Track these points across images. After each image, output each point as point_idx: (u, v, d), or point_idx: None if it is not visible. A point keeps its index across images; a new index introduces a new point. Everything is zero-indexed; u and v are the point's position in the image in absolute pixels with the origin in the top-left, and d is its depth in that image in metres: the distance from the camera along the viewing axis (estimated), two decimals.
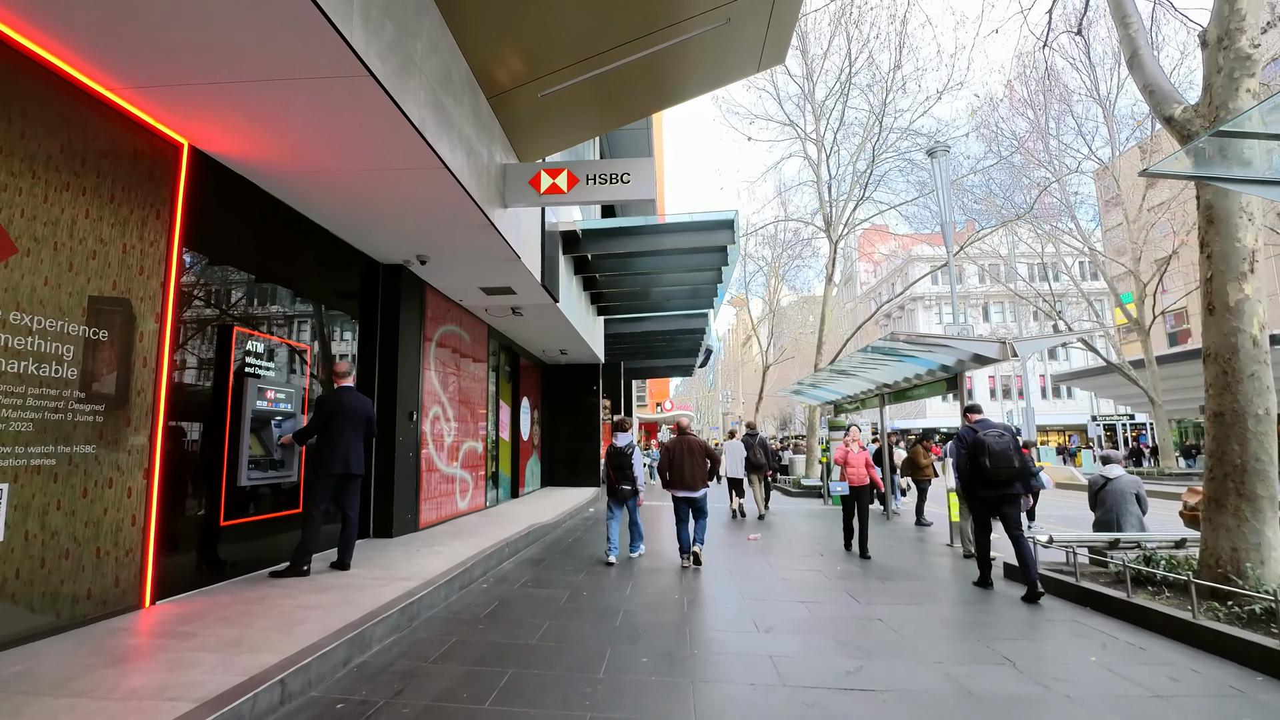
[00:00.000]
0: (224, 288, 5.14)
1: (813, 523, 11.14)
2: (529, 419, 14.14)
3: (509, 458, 12.74)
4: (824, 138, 17.86)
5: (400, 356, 7.59)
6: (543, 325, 11.33)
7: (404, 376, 7.68)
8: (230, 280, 5.22)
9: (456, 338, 9.63)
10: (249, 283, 5.46)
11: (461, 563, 5.92)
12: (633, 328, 16.30)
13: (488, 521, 9.15)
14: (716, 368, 52.61)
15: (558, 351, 13.89)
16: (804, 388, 15.06)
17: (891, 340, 8.34)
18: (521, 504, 11.88)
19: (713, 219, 10.05)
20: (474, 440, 10.32)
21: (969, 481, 5.88)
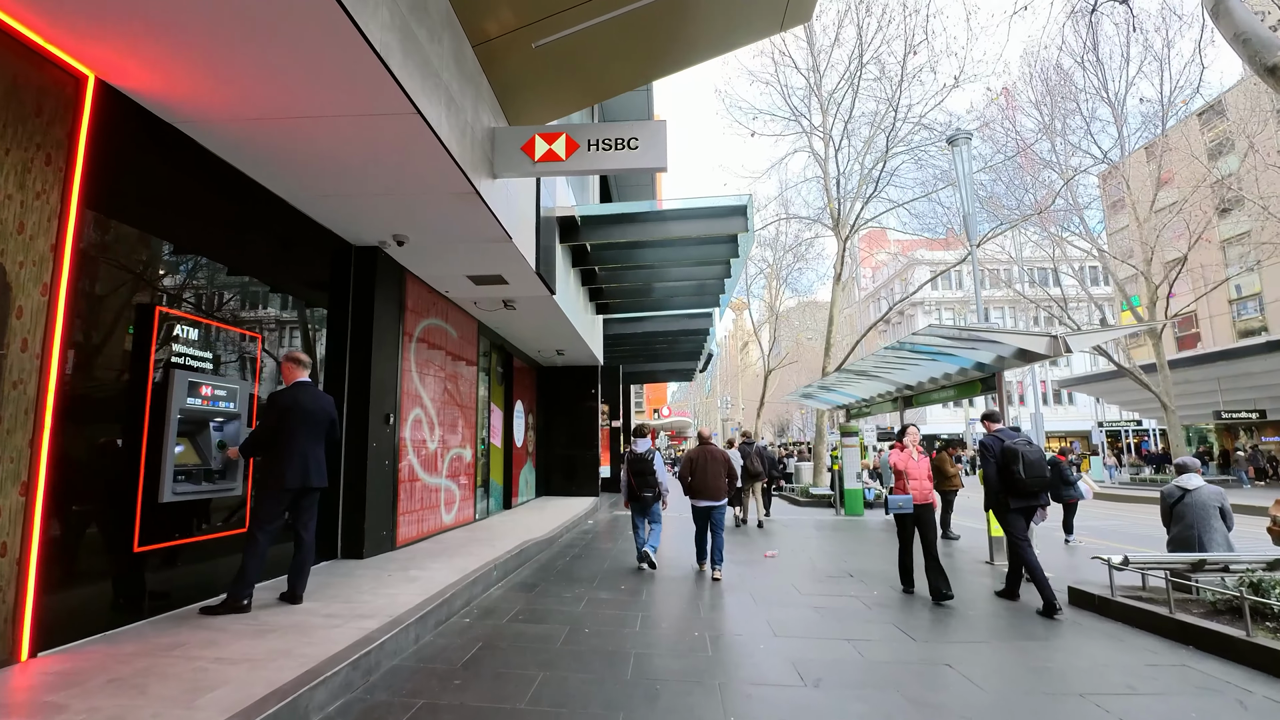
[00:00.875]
0: (146, 259, 4.18)
1: (830, 536, 10.19)
2: (523, 424, 13.17)
3: (501, 466, 11.76)
4: (831, 131, 17.03)
5: (375, 352, 6.63)
6: (538, 321, 10.38)
7: (379, 375, 6.72)
8: (156, 251, 4.26)
9: (442, 334, 8.67)
10: (181, 256, 4.50)
11: (439, 592, 4.95)
12: (633, 328, 15.37)
13: (475, 537, 8.17)
14: (715, 373, 51.71)
15: (554, 352, 12.94)
16: (815, 391, 14.14)
17: (928, 335, 7.43)
18: (514, 516, 10.89)
19: (723, 204, 9.15)
20: (461, 447, 9.34)
21: (999, 492, 5.66)
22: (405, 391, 7.44)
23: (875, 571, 7.22)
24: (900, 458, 6.14)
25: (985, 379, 8.54)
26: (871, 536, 10.26)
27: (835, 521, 12.53)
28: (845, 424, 14.32)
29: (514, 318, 10.00)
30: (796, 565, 7.61)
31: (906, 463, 6.11)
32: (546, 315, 9.81)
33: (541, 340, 11.97)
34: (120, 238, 3.98)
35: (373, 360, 6.57)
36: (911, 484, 6.04)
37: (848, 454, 14.19)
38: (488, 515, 10.55)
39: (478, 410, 10.05)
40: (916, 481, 6.04)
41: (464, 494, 9.39)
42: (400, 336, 7.26)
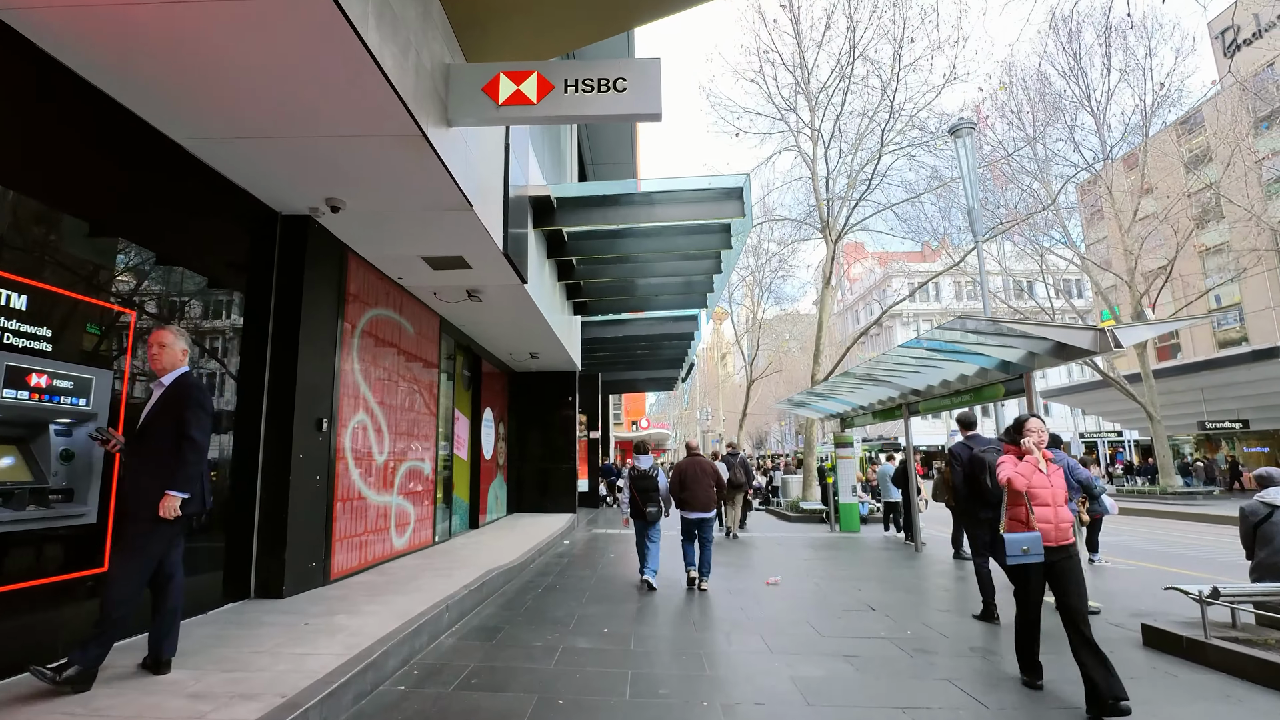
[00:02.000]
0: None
1: (831, 557, 9.11)
2: (493, 434, 11.92)
3: (467, 480, 10.50)
4: (821, 128, 16.20)
5: (304, 345, 5.40)
6: (508, 317, 9.20)
7: (309, 372, 5.49)
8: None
9: (394, 328, 7.46)
10: (15, 199, 3.28)
11: (367, 650, 3.73)
12: (614, 331, 14.26)
13: (431, 565, 6.92)
14: (693, 384, 50.75)
15: (527, 355, 11.74)
16: (808, 398, 13.13)
17: (952, 329, 6.43)
18: (480, 537, 9.62)
19: (717, 185, 8.11)
20: (418, 459, 8.09)
21: (967, 502, 5.42)
22: (346, 393, 6.21)
23: (897, 603, 6.14)
24: (1018, 470, 3.66)
25: (1010, 381, 7.57)
26: (875, 557, 9.21)
27: (831, 539, 11.48)
28: (840, 434, 13.32)
29: (481, 313, 8.82)
30: (805, 595, 6.50)
31: (1030, 476, 3.62)
32: (517, 310, 8.64)
33: (513, 341, 10.78)
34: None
35: (300, 354, 5.34)
36: (1040, 513, 3.58)
37: (843, 466, 13.18)
38: (449, 537, 9.27)
39: (439, 417, 8.81)
40: (1048, 509, 3.58)
41: (421, 513, 8.13)
42: (339, 328, 6.04)
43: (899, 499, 12.02)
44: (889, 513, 12.37)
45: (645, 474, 6.73)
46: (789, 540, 11.31)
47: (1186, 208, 23.57)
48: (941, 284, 48.18)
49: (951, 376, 8.63)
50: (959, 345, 7.31)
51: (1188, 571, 8.12)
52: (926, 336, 7.01)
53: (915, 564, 8.57)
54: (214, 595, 4.78)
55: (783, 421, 55.91)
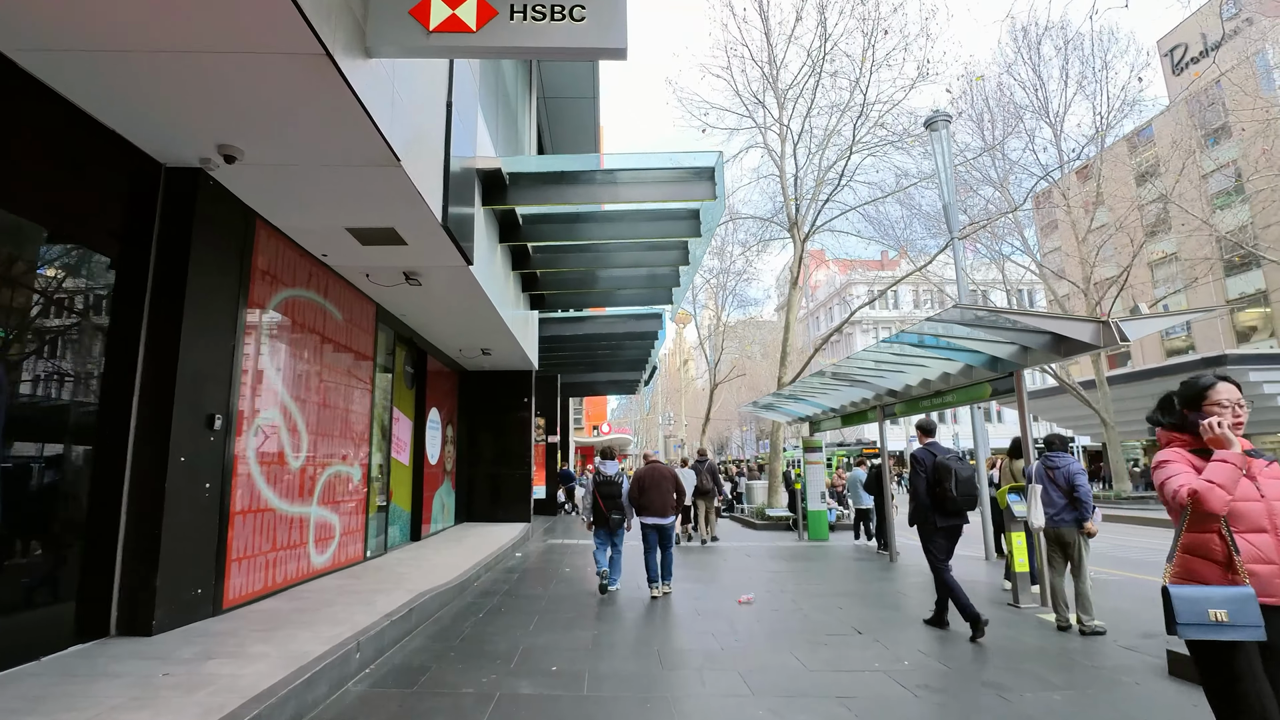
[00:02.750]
0: None
1: (803, 569, 8.44)
2: (439, 437, 10.93)
3: (408, 487, 9.50)
4: (790, 123, 15.71)
5: (189, 323, 4.43)
6: (455, 306, 8.28)
7: (196, 358, 4.51)
8: None
9: (318, 314, 6.48)
10: None
11: (231, 716, 2.81)
12: (573, 329, 13.41)
13: (355, 587, 5.96)
14: (655, 389, 50.09)
15: (478, 351, 10.80)
16: (777, 401, 12.52)
17: (949, 319, 5.82)
18: (421, 551, 8.64)
19: (686, 165, 7.39)
20: (347, 464, 7.10)
21: (926, 509, 5.23)
22: (250, 385, 5.22)
23: (884, 624, 5.47)
24: (1212, 476, 2.08)
25: (998, 380, 7.03)
26: (850, 568, 8.58)
27: (801, 549, 10.85)
28: (809, 438, 12.75)
29: (423, 301, 7.89)
30: (782, 616, 5.78)
31: (1231, 482, 2.07)
32: (464, 298, 7.74)
33: (462, 335, 9.84)
34: None
35: (184, 338, 4.36)
36: (1251, 547, 2.09)
37: (811, 471, 12.60)
38: (385, 551, 8.26)
39: (374, 417, 7.81)
40: (1266, 536, 2.08)
41: (349, 525, 7.13)
42: (241, 307, 5.06)
43: (870, 506, 11.49)
44: (859, 520, 11.83)
45: (610, 480, 6.69)
46: (756, 550, 10.63)
47: (1139, 219, 24.04)
48: (901, 291, 48.75)
49: (933, 375, 8.08)
50: (946, 340, 6.74)
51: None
52: (913, 329, 6.40)
53: (892, 576, 7.96)
54: (59, 634, 3.77)
55: (744, 427, 55.74)
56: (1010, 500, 6.46)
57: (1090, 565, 8.32)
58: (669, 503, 6.64)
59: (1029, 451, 6.26)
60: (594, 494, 6.72)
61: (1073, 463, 5.38)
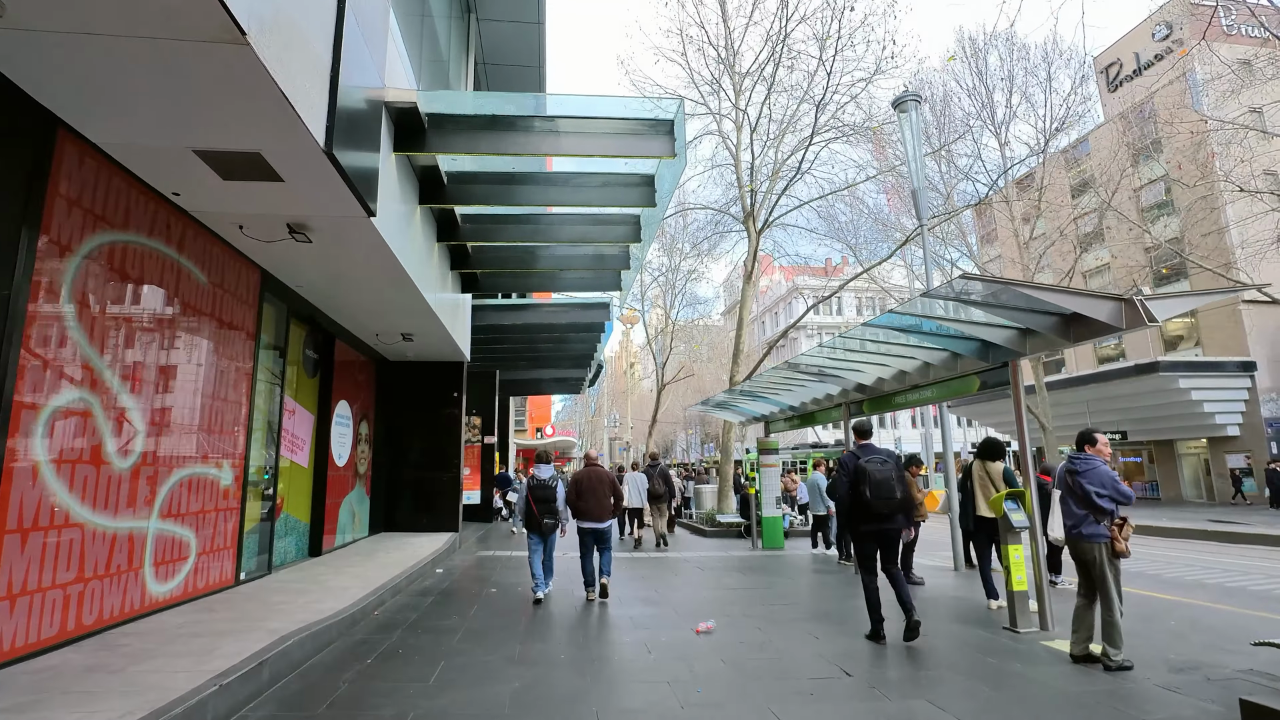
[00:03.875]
0: None
1: (765, 584, 7.41)
2: (350, 434, 9.41)
3: (306, 494, 8.00)
4: (746, 111, 14.84)
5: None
6: (363, 277, 6.90)
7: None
8: None
9: (167, 270, 5.02)
10: None
11: None
12: (513, 318, 12.08)
13: (201, 627, 4.53)
14: (600, 391, 48.85)
15: (398, 337, 9.36)
16: (733, 399, 11.55)
17: (941, 297, 4.89)
18: (316, 571, 7.19)
19: (643, 116, 6.27)
20: (209, 464, 5.61)
21: (849, 514, 5.09)
22: (42, 354, 3.77)
23: (873, 659, 4.46)
24: None
25: (990, 371, 6.19)
26: (815, 583, 7.61)
27: (757, 559, 9.86)
28: (765, 439, 11.82)
29: (321, 266, 6.48)
30: (750, 650, 4.69)
31: None
32: (371, 264, 6.37)
33: (377, 315, 8.41)
34: None
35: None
36: None
37: (767, 475, 11.67)
38: (269, 571, 6.76)
39: (253, 408, 6.32)
40: None
41: (212, 542, 5.64)
42: (25, 244, 3.61)
43: (826, 512, 10.64)
44: (817, 528, 10.95)
45: (544, 484, 6.42)
46: (709, 561, 9.58)
47: (1074, 230, 24.48)
48: (845, 298, 49.17)
49: (911, 367, 7.21)
50: (935, 324, 5.83)
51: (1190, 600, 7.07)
52: (903, 308, 5.45)
53: (847, 592, 7.02)
54: None
55: (689, 430, 55.15)
56: (1007, 508, 5.59)
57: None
58: (606, 507, 6.48)
59: (1010, 456, 5.39)
60: (528, 498, 6.43)
61: (1099, 466, 4.51)
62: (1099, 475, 4.49)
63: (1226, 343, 23.04)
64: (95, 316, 4.19)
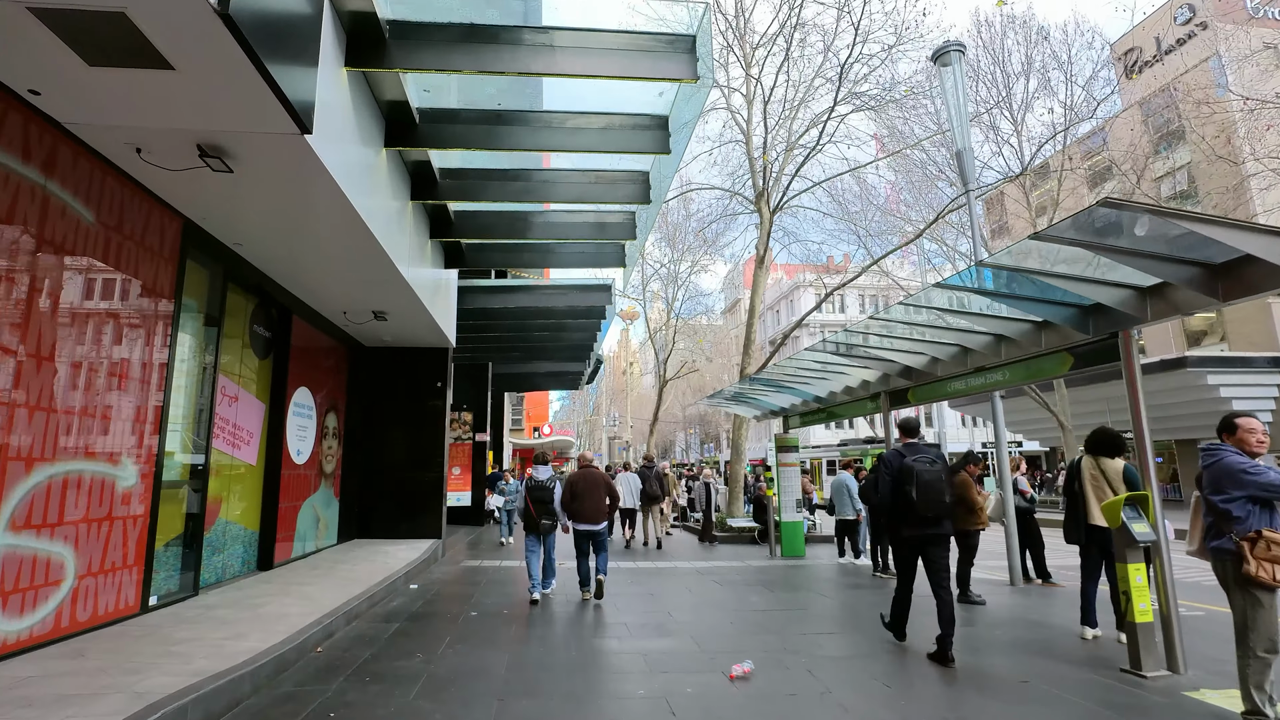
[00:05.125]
0: None
1: (800, 606, 6.13)
2: (314, 427, 8.12)
3: (254, 496, 6.72)
4: (760, 80, 13.61)
5: None
6: (311, 227, 5.63)
7: None
8: None
9: (27, 195, 3.75)
10: None
11: None
12: (503, 301, 10.80)
13: (33, 688, 3.25)
14: (598, 390, 47.58)
15: (369, 315, 8.07)
16: (749, 390, 10.28)
17: (1073, 231, 3.64)
18: (258, 591, 5.90)
19: (657, 31, 5.01)
20: (92, 458, 4.28)
21: (891, 517, 4.59)
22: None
23: (976, 712, 3.22)
24: None
25: (1088, 346, 4.94)
26: (857, 603, 6.34)
27: (779, 571, 8.61)
28: (784, 435, 10.56)
29: (254, 209, 5.20)
30: (811, 709, 3.43)
31: None
32: (319, 208, 5.09)
33: (341, 285, 7.13)
34: None
35: None
36: None
37: (785, 475, 10.42)
38: (195, 593, 5.45)
39: (168, 389, 5.01)
40: None
41: (97, 561, 4.34)
42: None
43: (854, 517, 9.40)
44: (843, 534, 9.70)
45: (542, 485, 6.41)
46: (725, 572, 8.32)
47: None
48: (848, 296, 47.96)
49: (978, 343, 5.95)
50: (1022, 283, 4.58)
51: None
52: (993, 261, 4.18)
53: (919, 613, 5.75)
54: None
55: (689, 430, 53.91)
56: (1126, 517, 4.34)
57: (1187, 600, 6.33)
58: (602, 509, 6.42)
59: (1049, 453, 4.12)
60: (525, 498, 6.38)
61: (1226, 457, 3.26)
62: (1220, 469, 3.25)
63: (1253, 337, 21.88)
64: None
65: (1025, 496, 8.00)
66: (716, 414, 49.06)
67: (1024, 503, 7.96)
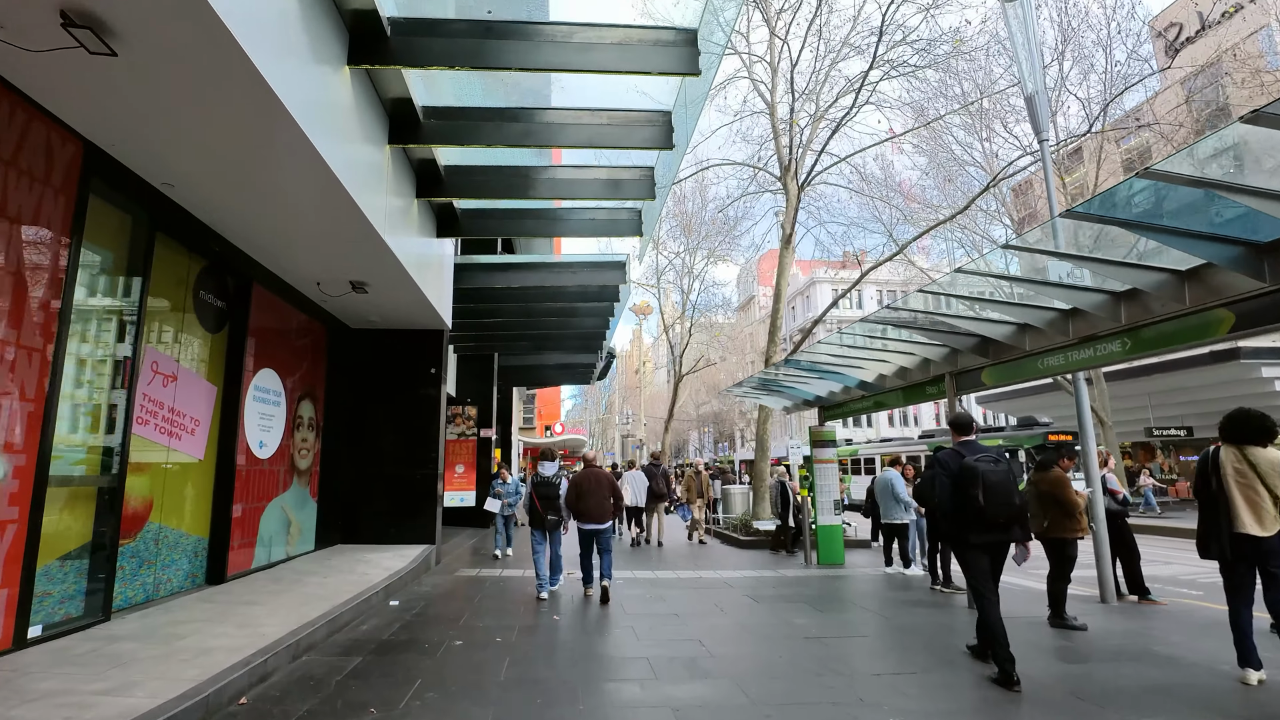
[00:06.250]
0: None
1: (859, 629, 4.91)
2: (283, 417, 6.98)
3: (201, 497, 5.60)
4: (788, 41, 12.38)
5: None
6: (253, 162, 4.48)
7: None
8: None
9: None
10: None
11: None
12: (508, 280, 9.65)
13: None
14: (610, 388, 46.41)
15: (346, 286, 6.92)
16: (780, 377, 9.05)
17: None
18: (184, 614, 4.78)
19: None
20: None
21: (955, 523, 4.07)
22: None
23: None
24: None
25: (1266, 298, 3.69)
26: (925, 622, 5.10)
27: (819, 582, 7.39)
28: (820, 429, 9.32)
29: (175, 129, 4.07)
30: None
31: None
32: (258, 132, 3.94)
33: (305, 246, 6.00)
34: None
35: None
36: None
37: (822, 473, 9.19)
38: (103, 618, 4.31)
39: (58, 358, 3.84)
40: None
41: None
42: None
43: (907, 521, 8.16)
44: (890, 539, 8.44)
45: (548, 481, 6.35)
46: (757, 584, 7.11)
47: None
48: (865, 291, 46.42)
49: (1093, 303, 4.68)
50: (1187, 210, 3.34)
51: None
52: (1171, 160, 2.95)
53: (1026, 640, 4.48)
54: None
55: (703, 428, 52.59)
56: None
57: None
58: (606, 508, 6.29)
59: None
60: (531, 495, 6.37)
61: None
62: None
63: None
64: None
65: (1117, 497, 6.75)
66: (730, 413, 47.68)
67: (1115, 504, 6.71)
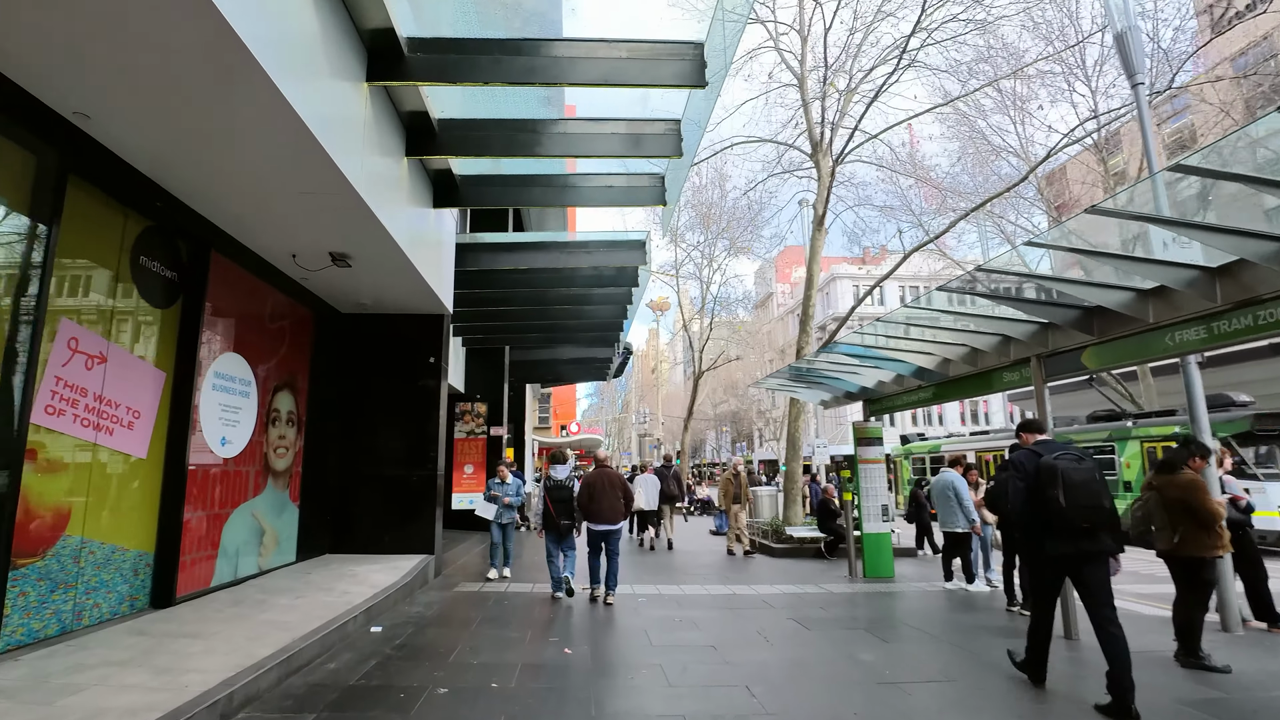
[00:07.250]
0: None
1: (936, 659, 3.82)
2: (254, 409, 6.03)
3: (144, 503, 4.67)
4: (820, 4, 11.29)
5: None
6: (181, 82, 3.52)
7: None
8: None
9: None
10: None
11: None
12: (516, 260, 8.65)
13: None
14: (626, 387, 45.39)
15: (326, 258, 5.97)
16: (817, 366, 7.96)
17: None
18: (99, 652, 3.83)
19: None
20: None
21: (1031, 529, 3.63)
22: None
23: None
24: None
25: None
26: (1004, 653, 4.00)
27: (872, 600, 6.32)
28: (865, 424, 8.21)
29: (89, 50, 3.11)
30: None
31: None
32: (177, 37, 2.97)
33: (273, 207, 5.04)
34: None
35: None
36: None
37: (867, 474, 8.10)
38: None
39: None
40: None
41: None
42: None
43: (967, 529, 7.04)
44: (952, 552, 7.32)
45: (560, 484, 6.25)
46: (801, 602, 6.04)
47: None
48: (888, 289, 44.93)
49: (1262, 253, 3.56)
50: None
51: None
52: None
53: (1182, 697, 3.38)
54: None
55: (721, 429, 51.38)
56: None
57: None
58: (617, 509, 6.13)
59: None
60: (544, 499, 6.19)
61: None
62: None
63: None
64: None
65: (1239, 504, 5.61)
66: (749, 412, 46.42)
67: (1236, 513, 5.56)
